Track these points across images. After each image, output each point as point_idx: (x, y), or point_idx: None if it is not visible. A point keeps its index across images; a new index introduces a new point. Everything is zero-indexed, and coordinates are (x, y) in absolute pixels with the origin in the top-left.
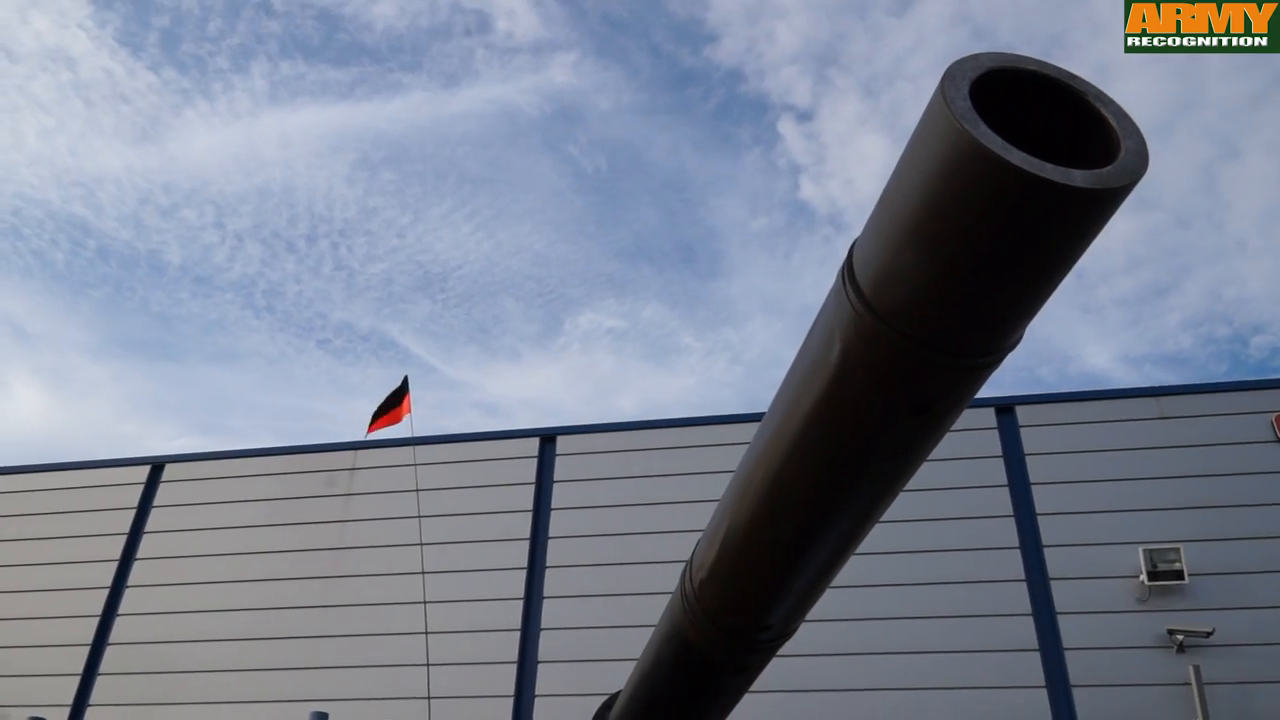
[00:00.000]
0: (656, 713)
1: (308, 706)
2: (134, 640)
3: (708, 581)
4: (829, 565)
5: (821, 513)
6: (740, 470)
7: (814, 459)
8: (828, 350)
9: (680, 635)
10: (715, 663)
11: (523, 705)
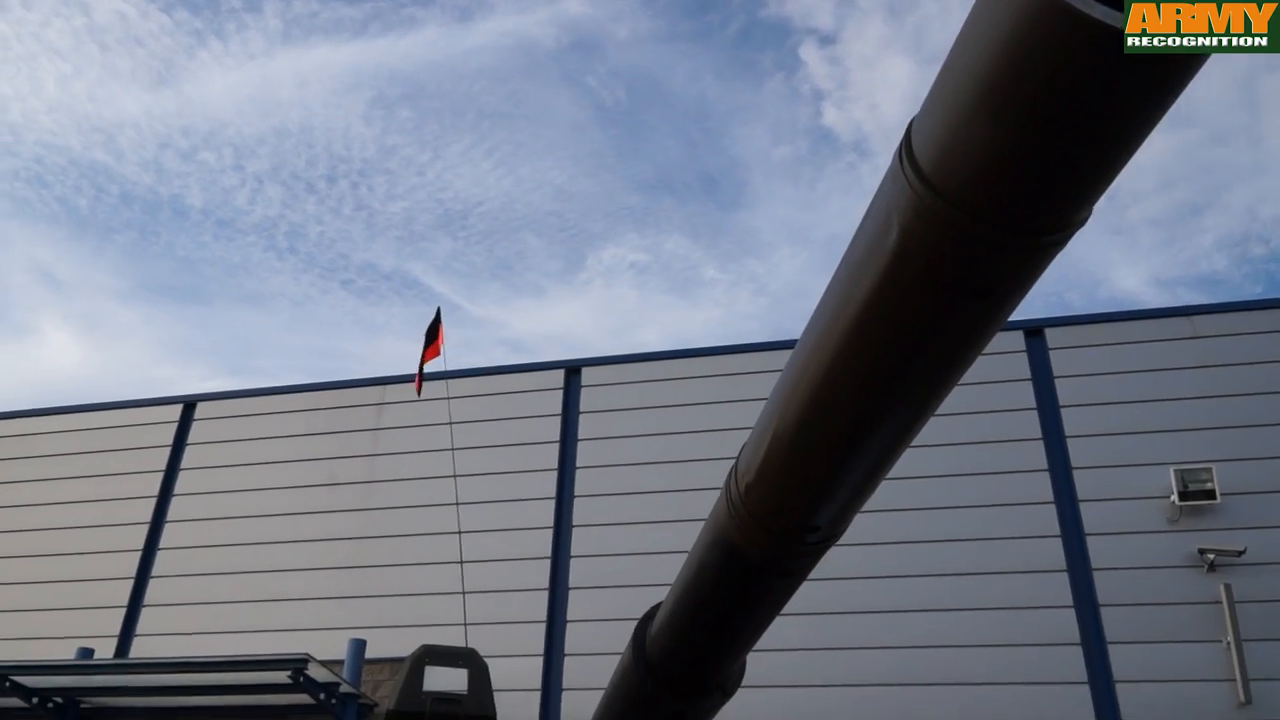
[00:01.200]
0: (701, 620)
1: (346, 634)
2: (175, 573)
3: (754, 484)
4: (880, 462)
5: (875, 406)
6: (790, 367)
7: (870, 349)
8: (884, 235)
9: (726, 541)
10: (761, 567)
11: (555, 629)
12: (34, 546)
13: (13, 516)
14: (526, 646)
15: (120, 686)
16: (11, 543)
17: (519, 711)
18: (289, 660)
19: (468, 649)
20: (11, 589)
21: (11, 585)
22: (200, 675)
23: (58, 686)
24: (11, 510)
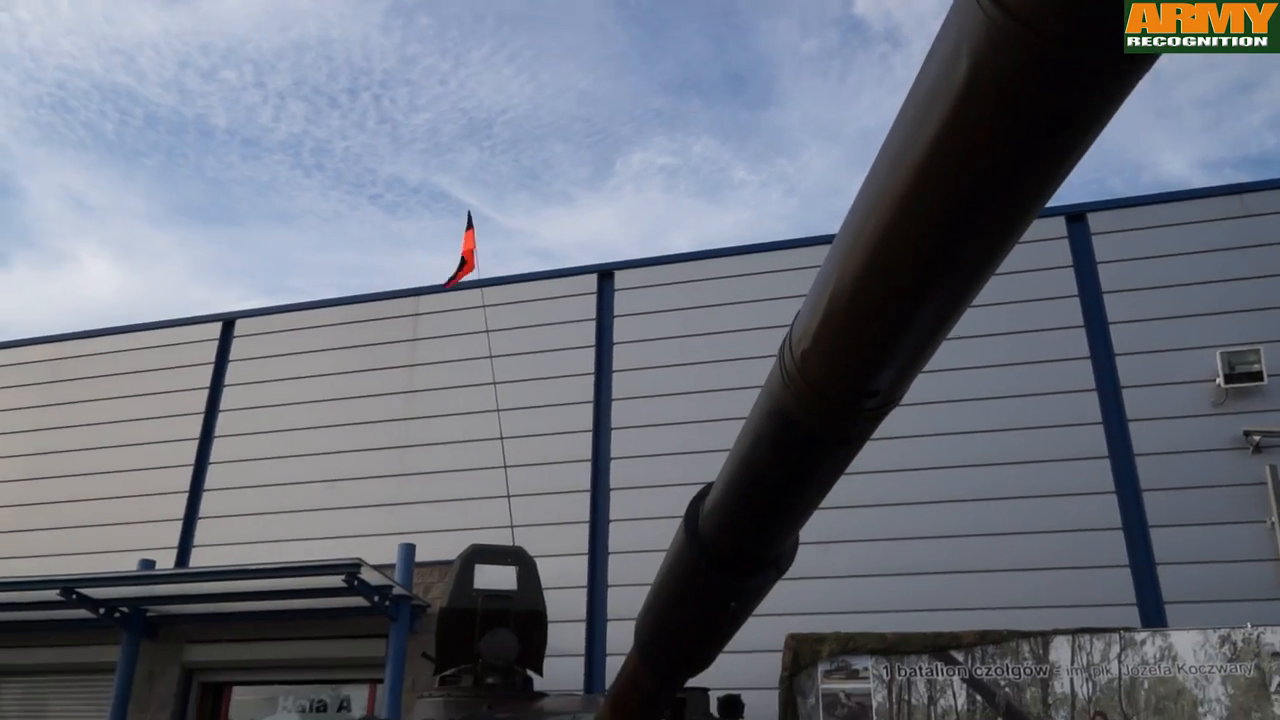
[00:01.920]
0: (755, 496)
1: (396, 539)
2: (228, 486)
3: (810, 350)
4: (942, 319)
5: (941, 256)
6: (848, 224)
7: (936, 195)
8: (952, 68)
9: (781, 411)
10: (818, 436)
11: (598, 529)
12: (92, 465)
13: (69, 436)
14: (571, 546)
15: (181, 595)
16: (70, 462)
17: (567, 608)
18: (342, 565)
19: (515, 547)
20: (73, 506)
21: (73, 503)
22: (257, 582)
23: (123, 597)
24: (68, 430)
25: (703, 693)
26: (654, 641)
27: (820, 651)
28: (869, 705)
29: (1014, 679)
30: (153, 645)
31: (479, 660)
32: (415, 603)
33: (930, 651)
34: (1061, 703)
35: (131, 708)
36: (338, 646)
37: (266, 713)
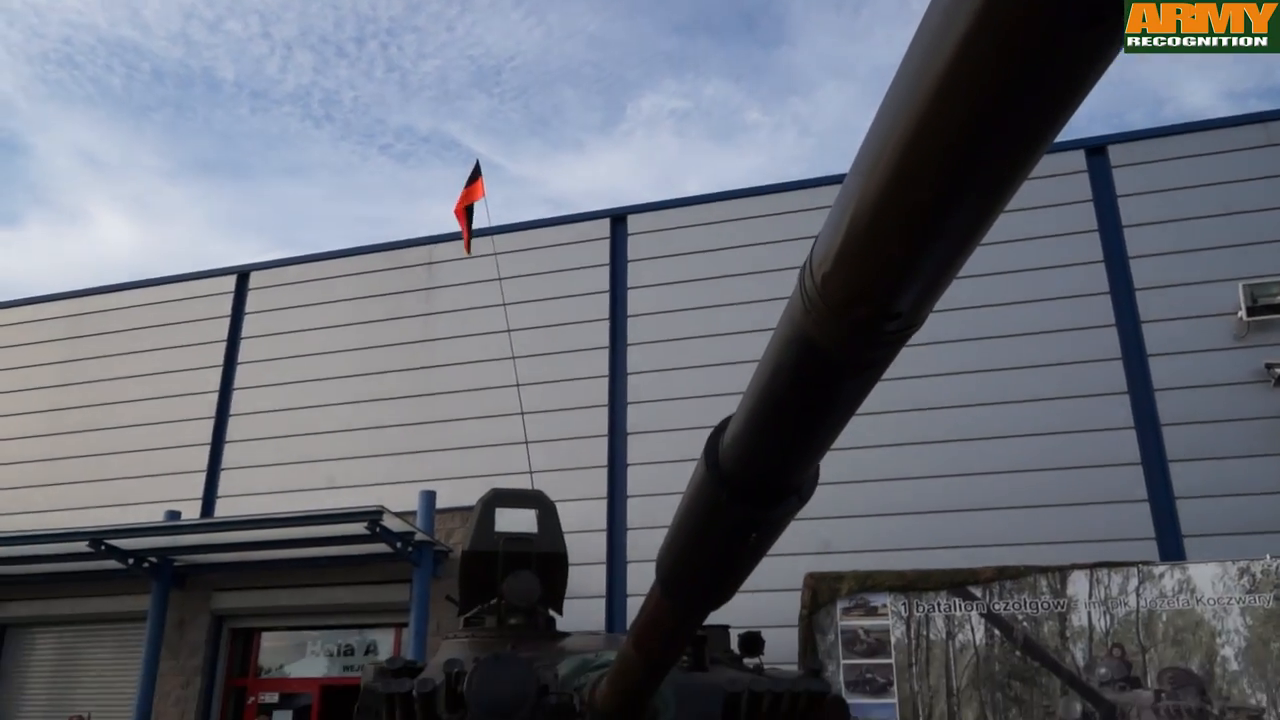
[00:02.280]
0: (776, 425)
1: (416, 487)
2: (249, 437)
3: (832, 273)
4: (966, 237)
5: (966, 169)
6: (869, 139)
7: (962, 102)
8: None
9: (802, 338)
10: (840, 361)
11: (616, 473)
12: (115, 419)
13: (91, 391)
14: (590, 490)
15: (207, 544)
16: (94, 416)
17: (587, 551)
18: (364, 513)
19: (535, 491)
20: (100, 460)
21: (99, 456)
22: (281, 530)
23: (150, 547)
24: (90, 386)
25: (723, 630)
26: (675, 576)
27: (839, 589)
28: (887, 641)
29: (1032, 613)
30: (181, 594)
31: (501, 602)
32: (437, 548)
33: (948, 588)
34: (1079, 635)
35: (164, 654)
36: (363, 592)
37: (295, 657)
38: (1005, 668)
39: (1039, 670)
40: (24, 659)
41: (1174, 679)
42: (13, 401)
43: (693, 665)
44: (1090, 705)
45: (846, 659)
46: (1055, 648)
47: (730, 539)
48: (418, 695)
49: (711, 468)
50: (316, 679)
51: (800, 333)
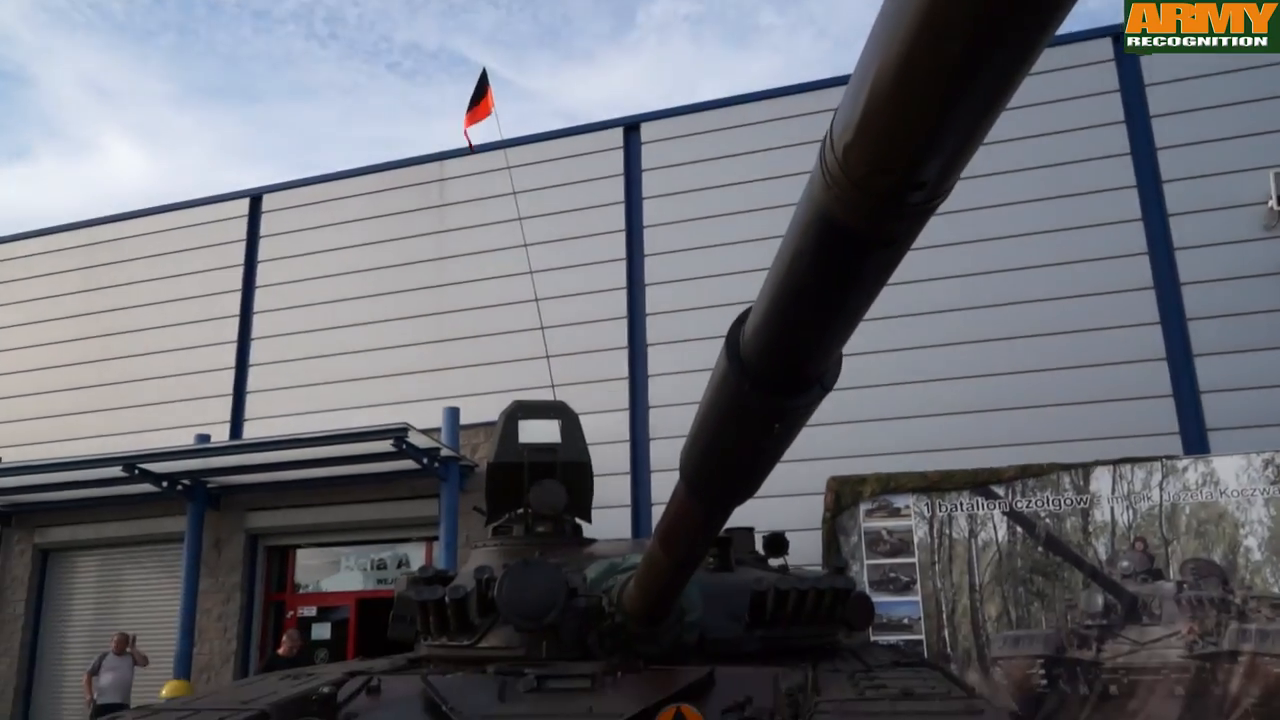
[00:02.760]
0: (799, 310)
1: (440, 404)
2: (272, 360)
3: (854, 143)
4: (992, 100)
5: (991, 25)
6: (890, 1)
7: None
8: None
9: (823, 216)
10: (863, 238)
11: (637, 384)
12: (140, 346)
13: (114, 319)
14: (612, 403)
15: (238, 466)
16: (119, 344)
17: (611, 463)
18: (390, 430)
19: (558, 401)
20: (129, 387)
21: (129, 383)
22: (309, 450)
23: (183, 470)
24: (112, 314)
25: (748, 532)
26: (700, 471)
27: (862, 492)
28: (910, 541)
29: (1054, 510)
30: (217, 514)
31: (528, 511)
32: (463, 463)
33: (971, 487)
34: (1101, 530)
35: (203, 573)
36: (392, 508)
37: (330, 572)
38: (1027, 564)
39: (1061, 565)
40: (68, 582)
41: (1196, 570)
42: (39, 332)
43: (718, 566)
44: (1112, 597)
45: (870, 559)
46: (1077, 543)
47: (754, 431)
48: (450, 601)
49: (733, 359)
50: (352, 593)
51: (821, 211)
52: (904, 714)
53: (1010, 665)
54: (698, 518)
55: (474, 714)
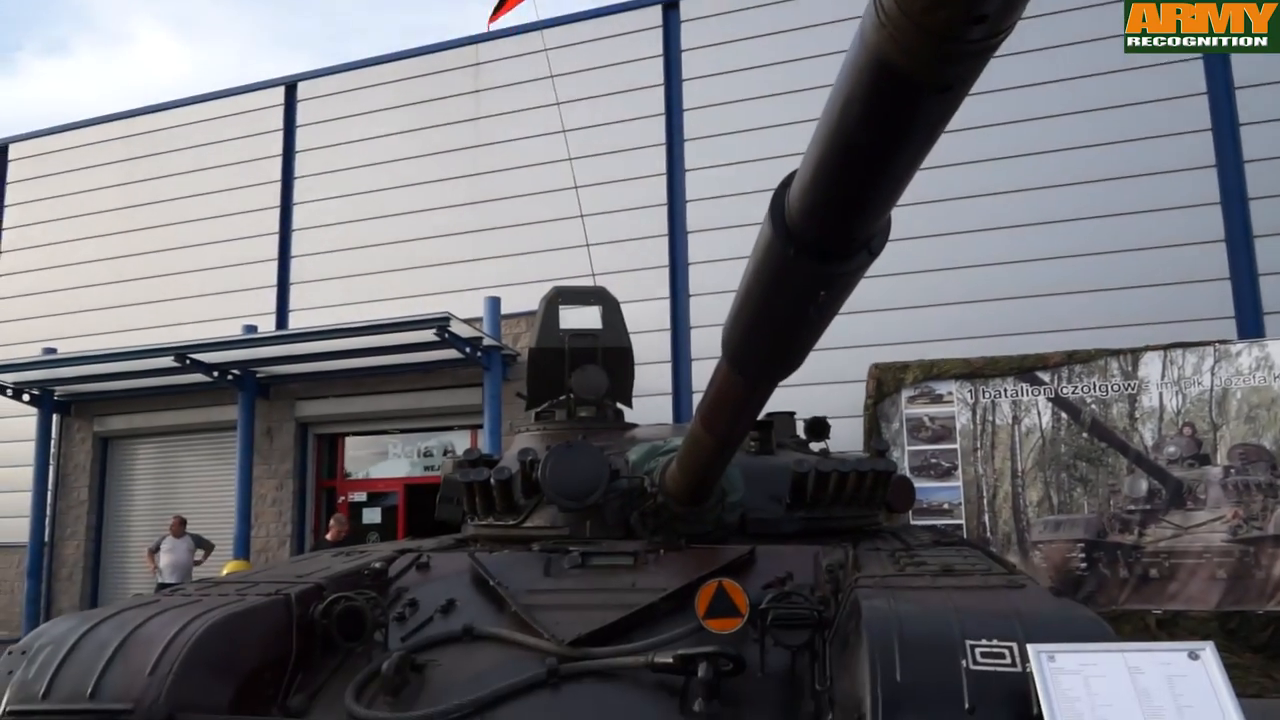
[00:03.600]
0: (847, 167)
1: (481, 294)
2: (314, 251)
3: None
4: None
5: None
6: None
7: None
8: None
9: (876, 60)
10: (918, 81)
11: (678, 272)
12: (187, 238)
13: (160, 211)
14: (653, 291)
15: (286, 356)
16: (168, 236)
17: (652, 351)
18: (432, 320)
19: (598, 287)
20: (178, 279)
21: (178, 275)
22: (353, 340)
23: (232, 360)
24: (158, 205)
25: (789, 416)
26: (743, 344)
27: (904, 379)
28: (952, 427)
29: (1101, 396)
30: (267, 403)
31: (570, 396)
32: (505, 352)
33: (1015, 373)
34: (1149, 416)
35: (256, 460)
36: (437, 397)
37: (379, 460)
38: (1071, 449)
39: (1105, 451)
40: (127, 468)
41: (1244, 455)
42: (86, 225)
43: (760, 449)
44: (1157, 482)
45: (911, 445)
46: (1123, 429)
47: (799, 299)
48: (495, 482)
49: (778, 224)
50: (400, 479)
51: (874, 54)
52: (945, 589)
53: (1050, 549)
54: (740, 394)
55: (520, 589)
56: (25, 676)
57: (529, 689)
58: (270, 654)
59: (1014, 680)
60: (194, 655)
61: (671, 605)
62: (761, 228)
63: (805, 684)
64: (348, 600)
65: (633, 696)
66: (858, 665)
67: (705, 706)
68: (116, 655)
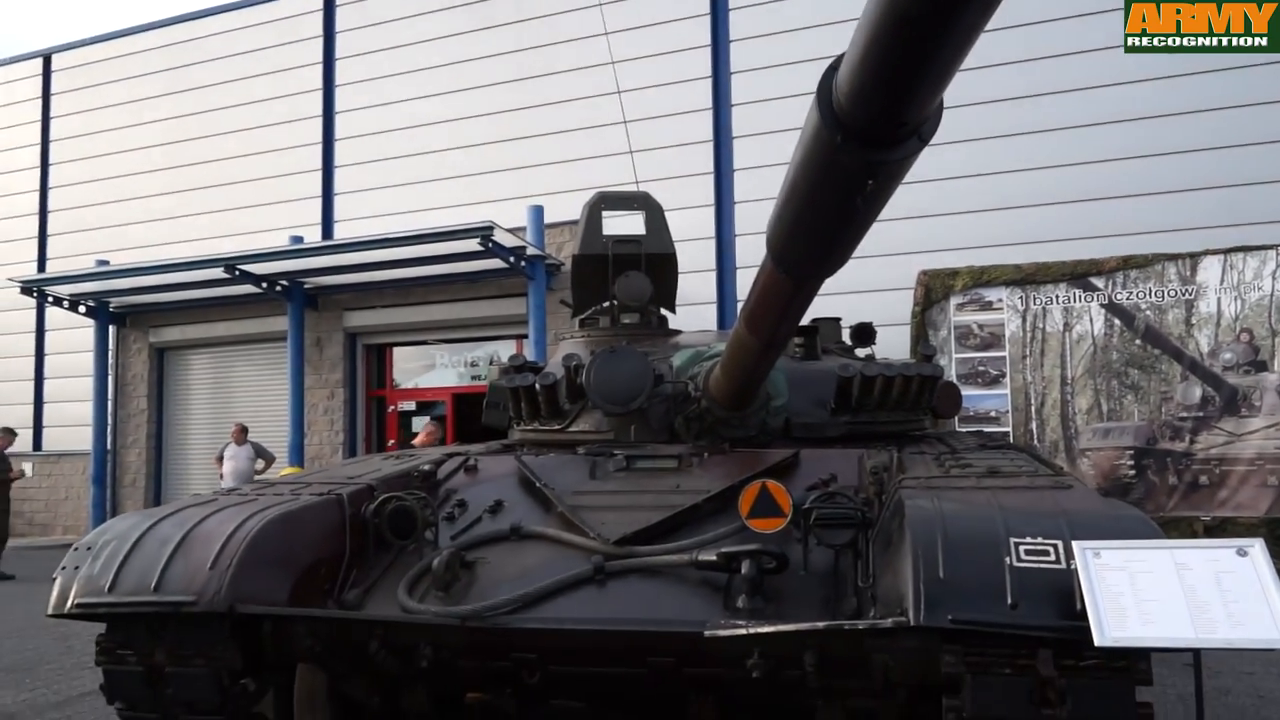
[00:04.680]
0: (900, 43)
1: (525, 202)
2: (358, 161)
3: None
4: None
5: None
6: None
7: None
8: None
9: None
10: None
11: (723, 178)
12: (233, 148)
13: (205, 122)
14: (697, 198)
15: (332, 266)
16: (214, 146)
17: (697, 259)
18: (476, 229)
19: (641, 192)
20: (226, 189)
21: (224, 186)
22: (398, 250)
23: (280, 271)
24: (203, 115)
25: (835, 322)
26: (788, 240)
27: (953, 285)
28: (1002, 335)
29: (1156, 302)
30: (316, 314)
31: (614, 302)
32: (549, 262)
33: (1068, 279)
34: (1205, 322)
35: (307, 370)
36: (483, 306)
37: (426, 370)
38: (1123, 356)
39: (1159, 358)
40: (183, 378)
41: None
42: (132, 136)
43: (805, 355)
44: (1210, 389)
45: (959, 353)
46: (1178, 335)
47: (847, 189)
48: (541, 388)
49: (825, 110)
50: (448, 388)
51: None
52: (989, 489)
53: (1098, 456)
54: (785, 294)
55: (566, 490)
56: (91, 571)
57: (575, 585)
58: (324, 551)
59: (1058, 577)
60: (252, 551)
61: (715, 506)
62: (807, 116)
63: (848, 582)
64: (398, 500)
65: (677, 593)
66: (900, 562)
67: (748, 602)
68: (178, 551)
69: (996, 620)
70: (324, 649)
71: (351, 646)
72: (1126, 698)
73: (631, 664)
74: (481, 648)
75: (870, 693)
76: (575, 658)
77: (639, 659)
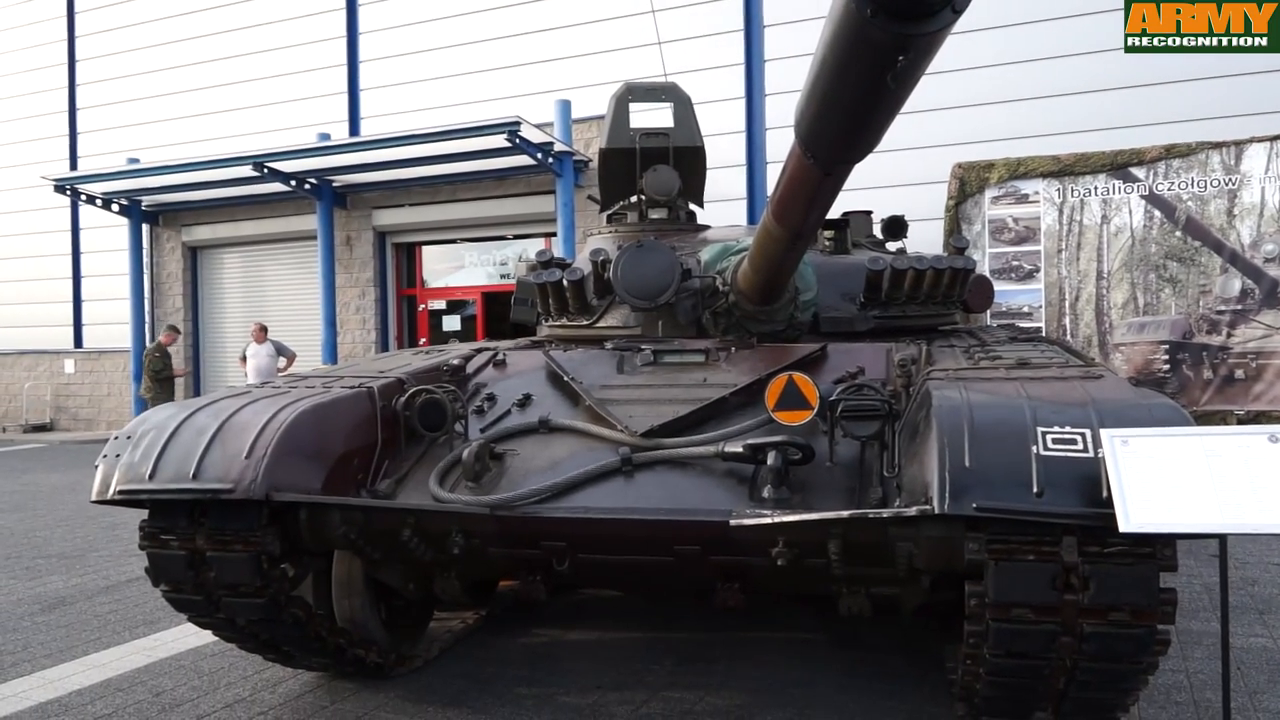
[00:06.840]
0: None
1: (552, 96)
2: (383, 55)
3: None
4: None
5: None
6: None
7: None
8: None
9: None
10: None
11: (753, 69)
12: (258, 43)
13: (231, 14)
14: (727, 90)
15: (360, 164)
16: (239, 41)
17: (727, 154)
18: (502, 124)
19: (669, 83)
20: (253, 86)
21: (252, 82)
22: (425, 146)
23: (308, 169)
24: (225, 9)
25: (866, 215)
26: (817, 123)
27: (988, 178)
28: (1037, 229)
29: (1198, 192)
30: (345, 213)
31: (642, 197)
32: (577, 158)
33: (1108, 170)
34: (1248, 213)
35: (337, 269)
36: (511, 204)
37: (456, 269)
38: (1162, 249)
39: (1198, 250)
40: (217, 277)
41: None
42: (158, 31)
43: (834, 249)
44: (1250, 282)
45: (993, 248)
46: (1220, 226)
47: (877, 66)
48: (568, 283)
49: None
50: (477, 287)
51: None
52: (1018, 380)
53: (1132, 351)
54: (813, 181)
55: (594, 384)
56: (132, 459)
57: (603, 476)
58: (356, 442)
59: (1085, 465)
60: (286, 440)
61: (742, 399)
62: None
63: (874, 472)
64: (428, 393)
65: (704, 483)
66: (926, 452)
67: (774, 493)
68: (214, 440)
69: (1021, 508)
70: (358, 537)
71: (385, 535)
72: (1150, 583)
73: (659, 552)
74: (511, 536)
75: (893, 580)
76: (603, 546)
77: (666, 547)
